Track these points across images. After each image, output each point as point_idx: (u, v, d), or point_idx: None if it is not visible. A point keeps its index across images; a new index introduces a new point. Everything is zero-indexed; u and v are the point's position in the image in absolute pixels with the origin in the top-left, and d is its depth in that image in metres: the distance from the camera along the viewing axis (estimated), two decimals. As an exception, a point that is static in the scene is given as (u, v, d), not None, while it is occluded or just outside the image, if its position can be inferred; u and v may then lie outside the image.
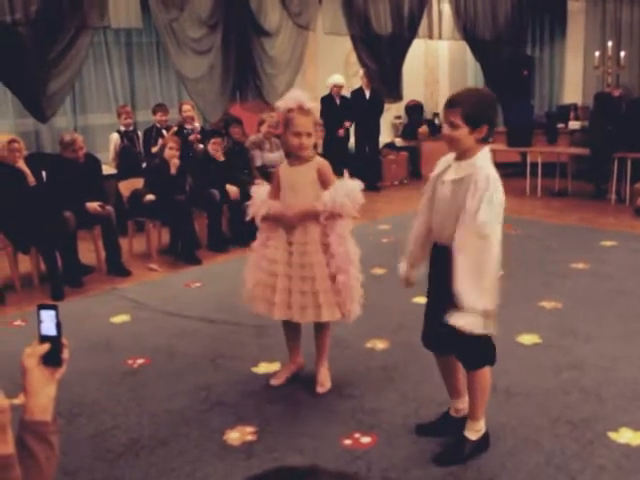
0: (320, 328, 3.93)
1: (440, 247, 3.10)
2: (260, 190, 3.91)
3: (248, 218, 3.92)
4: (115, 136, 8.32)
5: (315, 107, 3.72)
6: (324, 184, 3.71)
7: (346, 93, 10.51)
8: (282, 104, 3.69)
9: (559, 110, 11.52)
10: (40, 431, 1.40)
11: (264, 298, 3.77)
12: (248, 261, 3.91)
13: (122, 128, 8.31)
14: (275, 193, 3.83)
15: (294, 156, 3.75)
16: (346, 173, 3.83)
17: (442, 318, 2.97)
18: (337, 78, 10.25)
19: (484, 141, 2.94)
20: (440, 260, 3.08)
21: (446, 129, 2.94)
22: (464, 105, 2.86)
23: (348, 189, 3.69)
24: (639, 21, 11.18)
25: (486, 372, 3.17)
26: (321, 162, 3.77)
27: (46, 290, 5.88)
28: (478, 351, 3.12)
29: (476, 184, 2.83)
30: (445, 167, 3.08)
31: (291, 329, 4.03)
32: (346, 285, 3.71)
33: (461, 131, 2.87)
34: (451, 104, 2.90)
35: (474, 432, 3.22)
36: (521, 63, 11.90)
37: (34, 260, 6.12)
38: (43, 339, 1.47)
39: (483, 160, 2.92)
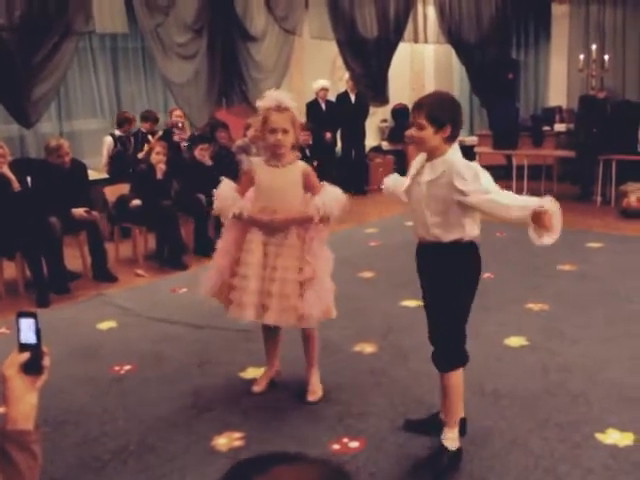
0: (305, 334, 3.91)
1: (424, 245, 3.16)
2: (228, 186, 3.84)
3: (213, 213, 3.93)
4: (109, 139, 8.29)
5: (294, 106, 3.69)
6: (310, 189, 3.70)
7: (331, 97, 10.53)
8: (261, 104, 3.69)
9: (544, 113, 11.58)
10: (22, 440, 1.38)
11: (238, 301, 3.73)
12: (218, 254, 3.83)
13: (117, 133, 8.29)
14: (243, 191, 3.79)
15: (274, 156, 3.71)
16: (326, 182, 3.83)
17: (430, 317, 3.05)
18: (322, 82, 10.27)
19: (451, 140, 3.02)
20: (425, 257, 3.18)
21: (414, 130, 3.05)
22: (428, 106, 3.00)
23: (336, 195, 3.70)
24: (622, 24, 11.27)
25: (459, 373, 3.19)
26: (306, 167, 3.76)
27: (32, 297, 5.84)
28: (450, 352, 3.15)
29: (461, 174, 2.91)
30: (418, 168, 3.14)
31: (270, 334, 4.02)
32: (325, 287, 3.71)
33: (426, 131, 2.98)
34: (417, 107, 3.05)
35: (452, 440, 3.20)
36: (506, 66, 11.94)
37: (19, 266, 6.07)
38: (23, 347, 1.45)
39: (454, 154, 3.02)
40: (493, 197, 2.89)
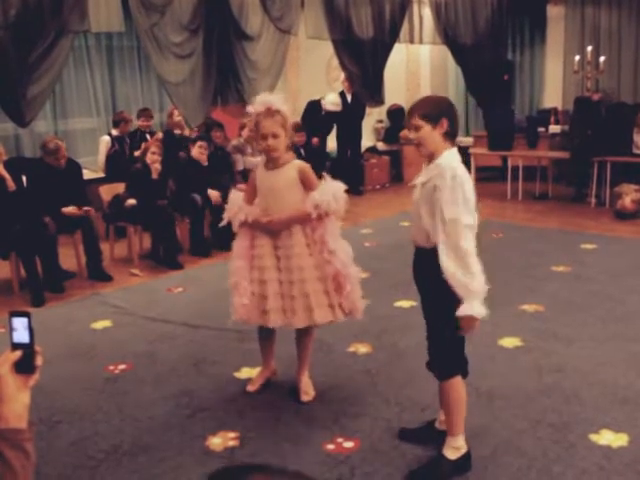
0: (303, 335, 3.91)
1: (419, 250, 3.14)
2: (237, 195, 3.88)
3: (223, 223, 3.90)
4: (106, 139, 8.28)
5: (285, 108, 3.69)
6: (308, 186, 3.70)
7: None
8: (252, 107, 3.69)
9: (539, 114, 11.59)
10: (15, 439, 1.38)
11: (258, 308, 3.70)
12: (232, 272, 3.77)
13: (114, 132, 8.29)
14: (250, 198, 3.79)
15: (269, 159, 3.72)
16: (326, 175, 3.83)
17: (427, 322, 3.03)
18: (334, 99, 10.38)
19: (450, 137, 3.00)
20: (420, 262, 3.15)
21: (412, 134, 3.05)
22: (420, 107, 3.03)
23: (334, 189, 3.70)
24: (618, 26, 11.30)
25: (457, 383, 3.14)
26: (302, 164, 3.76)
27: (26, 296, 5.83)
28: (448, 361, 3.12)
29: (438, 186, 2.89)
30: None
31: (267, 335, 4.01)
32: (353, 279, 3.71)
33: (424, 130, 2.97)
34: (409, 112, 3.07)
35: (453, 450, 3.16)
36: (501, 67, 11.96)
37: (14, 266, 6.06)
38: (15, 346, 1.45)
39: (447, 158, 2.97)
40: (456, 237, 2.85)
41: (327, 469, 3.20)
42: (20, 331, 1.45)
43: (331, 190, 3.68)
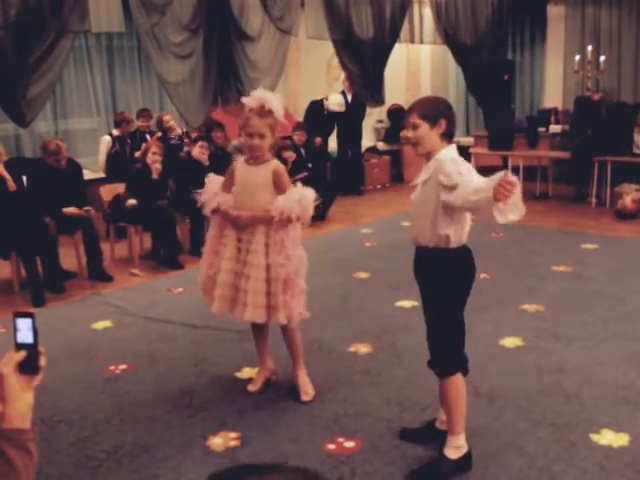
0: (284, 333, 3.92)
1: (417, 249, 3.15)
2: (213, 180, 3.97)
3: (197, 205, 3.99)
4: (107, 139, 8.28)
5: (279, 110, 3.69)
6: (279, 188, 3.72)
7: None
8: (246, 101, 3.69)
9: (540, 114, 11.59)
10: (18, 438, 1.38)
11: (209, 292, 3.85)
12: (204, 251, 3.97)
13: (115, 133, 8.29)
14: (228, 187, 3.87)
15: (252, 156, 3.76)
16: (299, 183, 3.86)
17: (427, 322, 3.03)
18: (338, 100, 10.38)
19: (447, 138, 3.01)
20: (420, 261, 3.16)
21: (409, 132, 3.07)
22: (418, 106, 3.06)
23: (301, 196, 3.70)
24: (618, 26, 11.29)
25: (457, 381, 3.14)
26: (277, 165, 3.78)
27: (26, 296, 5.83)
28: (448, 358, 3.13)
29: (445, 170, 2.87)
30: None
31: (258, 333, 4.04)
32: (297, 290, 3.72)
33: (422, 129, 2.99)
34: (408, 111, 3.09)
35: (454, 449, 3.16)
36: (502, 67, 11.96)
37: (14, 266, 6.06)
38: (19, 347, 1.46)
39: (445, 154, 2.98)
40: (467, 186, 2.78)
41: (328, 469, 3.20)
42: (24, 332, 1.46)
43: (297, 197, 3.69)
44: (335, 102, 10.48)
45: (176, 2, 8.08)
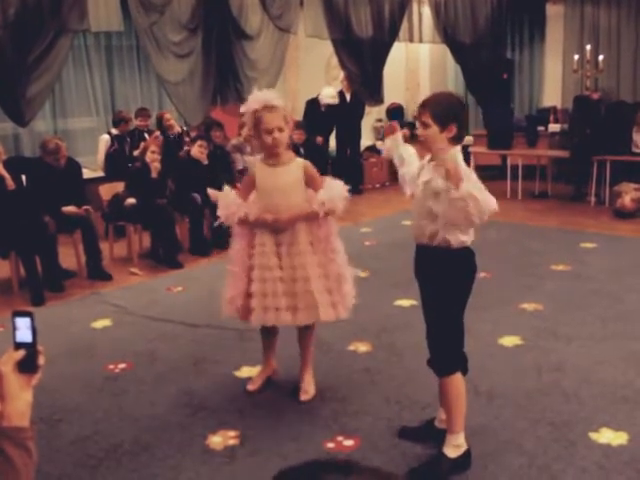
0: (305, 333, 3.91)
1: (420, 247, 3.14)
2: (231, 194, 3.78)
3: (218, 223, 3.84)
4: (106, 138, 8.28)
5: (282, 104, 3.68)
6: (313, 184, 3.69)
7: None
8: (247, 107, 3.66)
9: (539, 113, 11.59)
10: (18, 437, 1.39)
11: (261, 306, 3.66)
12: (232, 267, 3.76)
13: (114, 131, 8.29)
14: (245, 196, 3.74)
15: (272, 156, 3.68)
16: (329, 176, 3.85)
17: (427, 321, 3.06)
18: (331, 93, 10.35)
19: (456, 141, 3.00)
20: (421, 259, 3.16)
21: (420, 130, 3.06)
22: (432, 105, 3.01)
23: (338, 189, 3.70)
24: (617, 25, 11.30)
25: (457, 379, 3.14)
26: (306, 163, 3.75)
27: (26, 295, 5.83)
28: (447, 356, 3.13)
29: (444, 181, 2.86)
30: (420, 169, 3.14)
31: (269, 334, 4.00)
32: (350, 279, 3.73)
33: (431, 130, 2.98)
34: (422, 106, 3.05)
35: (453, 448, 3.16)
36: (501, 66, 11.96)
37: (13, 265, 6.06)
38: (18, 346, 1.46)
39: (453, 155, 2.95)
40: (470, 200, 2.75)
41: (327, 468, 3.19)
42: (23, 330, 1.47)
43: (335, 189, 3.69)
44: (327, 95, 10.41)
45: (175, 1, 8.08)
